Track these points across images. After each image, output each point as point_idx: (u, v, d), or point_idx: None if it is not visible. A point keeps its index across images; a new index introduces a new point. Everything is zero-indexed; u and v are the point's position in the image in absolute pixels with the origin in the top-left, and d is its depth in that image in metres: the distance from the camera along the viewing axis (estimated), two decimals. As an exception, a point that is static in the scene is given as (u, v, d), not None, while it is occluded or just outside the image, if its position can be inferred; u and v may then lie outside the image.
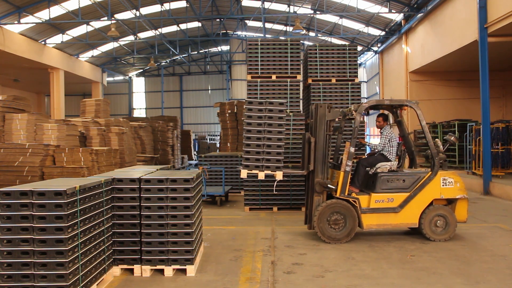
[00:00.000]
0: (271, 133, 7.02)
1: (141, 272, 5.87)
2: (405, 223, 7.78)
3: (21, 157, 11.60)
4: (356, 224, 7.66)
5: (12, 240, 4.48)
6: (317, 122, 7.89)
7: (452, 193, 7.76)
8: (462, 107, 20.93)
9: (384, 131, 8.33)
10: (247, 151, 7.09)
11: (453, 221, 7.72)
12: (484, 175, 13.54)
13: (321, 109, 7.90)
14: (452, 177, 7.80)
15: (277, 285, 5.55)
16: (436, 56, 18.16)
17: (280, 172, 7.19)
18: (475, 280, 5.63)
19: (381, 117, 8.54)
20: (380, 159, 8.15)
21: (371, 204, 7.68)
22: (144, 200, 5.80)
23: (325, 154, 7.89)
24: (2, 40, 20.34)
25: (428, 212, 7.69)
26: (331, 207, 7.62)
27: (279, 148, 7.06)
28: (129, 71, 40.08)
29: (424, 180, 7.73)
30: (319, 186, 7.83)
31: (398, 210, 7.64)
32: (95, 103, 17.88)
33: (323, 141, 7.88)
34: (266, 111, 7.07)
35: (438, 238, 7.66)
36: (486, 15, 13.25)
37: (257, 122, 7.00)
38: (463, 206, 7.90)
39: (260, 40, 12.06)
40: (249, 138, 7.05)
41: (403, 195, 7.70)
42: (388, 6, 21.47)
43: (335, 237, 7.62)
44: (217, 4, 26.95)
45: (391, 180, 7.78)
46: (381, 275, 5.90)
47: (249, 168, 7.19)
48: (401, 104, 8.46)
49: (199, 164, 14.86)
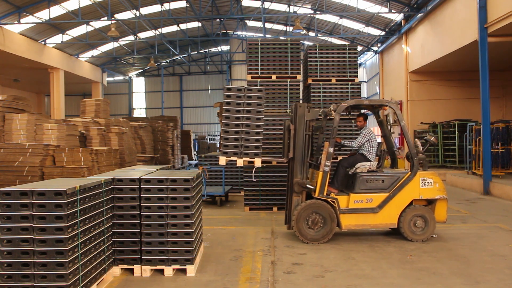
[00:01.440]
0: (249, 119, 6.94)
1: (141, 272, 5.87)
2: (384, 224, 7.76)
3: (21, 157, 11.59)
4: (335, 224, 7.64)
5: (12, 240, 4.48)
6: (296, 122, 7.86)
7: (431, 193, 7.74)
8: (462, 107, 20.93)
9: (363, 131, 8.27)
10: (226, 138, 7.02)
11: (432, 221, 7.70)
12: (484, 175, 13.54)
13: (300, 109, 7.87)
14: (432, 178, 7.78)
15: (277, 285, 5.55)
16: (436, 56, 18.16)
17: (259, 159, 7.13)
18: (475, 280, 5.63)
19: (362, 116, 8.48)
20: (360, 159, 8.11)
21: (350, 205, 7.66)
22: (144, 200, 5.80)
23: (304, 154, 7.86)
24: (2, 40, 20.34)
25: (407, 213, 7.67)
26: (309, 208, 7.61)
27: (258, 135, 6.98)
28: (129, 71, 40.08)
29: (403, 181, 7.70)
30: (298, 186, 7.82)
31: (377, 211, 7.62)
32: (95, 103, 17.87)
33: (302, 141, 7.84)
34: (245, 98, 6.99)
35: (417, 238, 7.64)
36: (486, 15, 13.25)
37: (236, 109, 6.92)
38: (443, 206, 7.89)
39: (260, 40, 12.06)
40: (227, 125, 6.96)
41: (382, 195, 7.67)
42: (388, 6, 21.48)
43: (314, 237, 7.61)
44: (217, 4, 26.95)
45: (370, 180, 7.75)
46: (381, 275, 5.90)
47: (228, 155, 7.14)
48: (381, 104, 8.39)
49: (199, 164, 14.86)
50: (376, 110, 8.67)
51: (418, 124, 21.08)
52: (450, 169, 18.80)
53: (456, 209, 11.15)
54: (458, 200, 12.62)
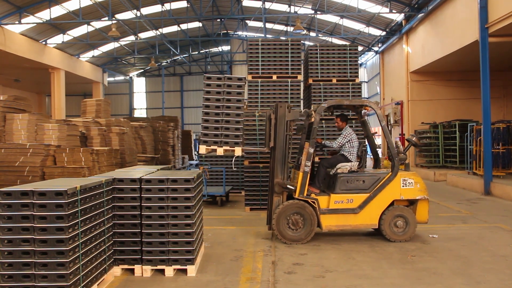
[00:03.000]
0: (229, 108, 6.91)
1: (142, 272, 5.87)
2: (364, 224, 7.73)
3: (22, 157, 11.60)
4: (315, 225, 7.62)
5: (13, 240, 4.49)
6: (277, 122, 7.83)
7: (412, 194, 7.73)
8: (463, 107, 20.92)
9: (344, 132, 8.26)
10: (206, 127, 6.98)
11: (413, 221, 7.68)
12: (485, 175, 13.53)
13: (281, 109, 7.83)
14: (413, 178, 7.76)
15: (277, 285, 5.55)
16: (436, 56, 18.16)
17: (239, 148, 7.11)
18: (475, 281, 5.63)
19: (339, 117, 8.47)
20: (341, 160, 8.11)
21: (331, 205, 7.65)
22: (145, 200, 5.80)
23: (285, 154, 7.84)
24: (3, 40, 20.36)
25: (388, 213, 7.65)
26: (289, 208, 7.60)
27: (238, 124, 6.96)
28: (129, 71, 40.10)
29: (384, 181, 7.68)
30: (278, 186, 7.80)
31: (358, 211, 7.60)
32: (95, 103, 17.88)
33: (283, 141, 7.82)
34: (225, 87, 6.96)
35: (398, 238, 7.63)
36: (487, 15, 13.25)
37: (216, 98, 6.89)
38: (424, 207, 7.86)
39: (261, 40, 12.06)
40: (207, 114, 6.93)
41: (363, 196, 7.65)
42: (388, 6, 21.48)
43: (294, 238, 7.59)
44: (217, 4, 26.96)
45: (351, 180, 7.73)
46: (382, 275, 5.90)
47: (208, 144, 7.11)
48: (361, 104, 8.34)
49: (199, 164, 14.86)
50: (358, 110, 8.64)
51: (419, 124, 21.07)
52: (451, 169, 18.79)
53: (456, 209, 11.15)
54: (459, 200, 12.61)
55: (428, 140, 20.59)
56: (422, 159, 21.20)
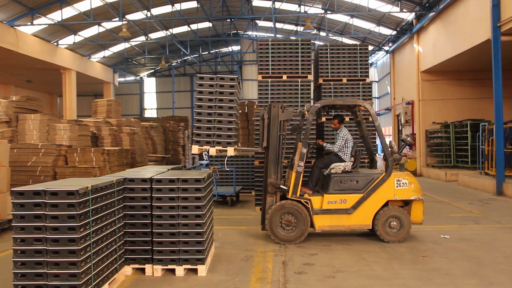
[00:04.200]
0: (222, 108, 6.91)
1: (153, 272, 5.90)
2: (358, 225, 7.69)
3: (34, 157, 11.70)
4: (308, 225, 7.60)
5: (25, 239, 4.53)
6: (270, 122, 7.80)
7: (406, 194, 7.68)
8: (474, 107, 20.73)
9: (340, 133, 8.22)
10: (198, 127, 6.97)
11: (408, 222, 7.63)
12: (497, 176, 13.41)
13: (274, 109, 7.80)
14: (407, 178, 7.71)
15: (288, 285, 5.54)
16: (448, 56, 18.01)
17: (231, 147, 7.11)
18: (488, 282, 5.57)
19: (337, 119, 8.42)
20: (334, 160, 8.07)
21: (324, 205, 7.62)
22: (156, 200, 5.83)
23: (278, 155, 7.81)
24: (15, 41, 20.55)
25: (382, 214, 7.60)
26: (282, 208, 7.59)
27: (230, 124, 6.95)
28: (140, 71, 40.28)
29: (377, 181, 7.64)
30: (272, 186, 7.78)
31: (351, 212, 7.57)
32: (106, 103, 17.98)
33: (276, 141, 7.79)
34: (217, 87, 6.96)
35: (392, 239, 7.58)
36: (499, 14, 13.12)
37: (208, 98, 6.90)
38: (419, 207, 7.83)
39: (271, 40, 12.04)
40: (200, 114, 6.92)
41: (356, 196, 7.62)
42: (399, 6, 21.35)
43: (287, 238, 7.58)
44: (227, 4, 26.98)
45: (344, 181, 7.71)
46: (393, 275, 5.87)
47: (200, 144, 7.11)
48: (355, 104, 8.28)
49: (210, 164, 14.88)
50: (353, 110, 8.58)
51: (430, 124, 20.93)
52: (463, 169, 18.65)
53: (468, 209, 11.06)
54: (471, 200, 12.51)
55: (439, 140, 20.45)
56: (433, 159, 21.06)
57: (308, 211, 7.59)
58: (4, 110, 13.35)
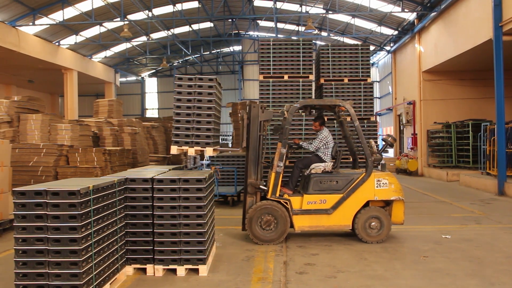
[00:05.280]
0: (200, 109, 6.92)
1: (154, 272, 5.90)
2: (338, 225, 7.67)
3: (35, 157, 11.73)
4: (288, 225, 7.58)
5: (27, 239, 4.53)
6: (250, 122, 7.78)
7: (386, 194, 7.64)
8: (476, 107, 20.71)
9: (320, 135, 8.19)
10: (177, 127, 6.98)
11: (388, 223, 7.60)
12: (499, 176, 13.39)
13: (254, 109, 7.77)
14: (387, 178, 7.67)
15: (289, 285, 5.54)
16: (449, 56, 17.99)
17: (210, 148, 7.12)
18: (489, 282, 5.57)
19: (318, 121, 8.39)
20: (315, 160, 8.07)
21: (303, 206, 7.60)
22: (157, 200, 5.83)
23: (258, 155, 7.79)
24: (17, 41, 20.58)
25: (362, 214, 7.58)
26: (262, 209, 7.57)
27: (209, 124, 6.97)
28: (141, 71, 40.30)
29: (357, 182, 7.61)
30: (251, 187, 7.77)
31: (331, 212, 7.55)
32: (108, 103, 18.01)
33: (256, 142, 7.77)
34: (196, 87, 6.98)
35: (372, 240, 7.56)
36: (501, 13, 13.10)
37: (187, 98, 6.91)
38: (400, 207, 7.78)
39: (272, 40, 12.05)
40: (178, 114, 6.92)
41: (336, 196, 7.59)
42: (401, 5, 21.33)
43: (267, 238, 7.56)
44: (229, 4, 26.99)
45: (324, 181, 7.68)
46: (394, 276, 5.87)
47: (179, 145, 7.11)
48: (335, 104, 8.24)
49: (211, 164, 14.88)
50: (334, 110, 8.55)
51: (431, 124, 20.90)
52: (464, 169, 18.63)
53: (470, 209, 11.05)
54: (472, 200, 12.49)
55: (440, 140, 20.43)
56: (434, 159, 21.04)
57: (288, 212, 7.58)
58: (6, 110, 13.38)
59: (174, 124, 7.04)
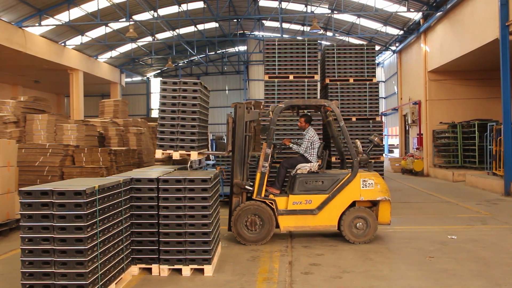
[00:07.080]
0: (185, 112, 6.92)
1: (159, 272, 5.91)
2: (324, 225, 7.63)
3: (41, 157, 11.77)
4: (273, 225, 7.55)
5: (33, 239, 4.55)
6: (235, 122, 7.76)
7: (372, 195, 7.59)
8: (482, 107, 20.61)
9: (307, 135, 8.14)
10: (162, 131, 6.98)
11: (374, 223, 7.56)
12: (505, 176, 13.32)
13: (239, 109, 7.75)
14: (373, 179, 7.62)
15: (294, 285, 5.54)
16: (455, 55, 17.91)
17: (195, 152, 7.12)
18: (496, 283, 5.54)
19: (303, 118, 8.34)
20: (300, 160, 8.03)
21: (289, 206, 7.58)
22: (162, 200, 5.84)
23: (244, 155, 7.76)
24: (23, 42, 20.68)
25: (348, 214, 7.54)
26: (247, 209, 7.55)
27: (194, 128, 6.97)
28: (147, 71, 40.41)
29: (343, 182, 7.57)
30: (237, 187, 7.74)
31: (316, 212, 7.52)
32: (113, 103, 18.05)
33: (242, 142, 7.75)
34: (181, 91, 6.98)
35: (358, 240, 7.52)
36: (507, 13, 13.04)
37: (172, 102, 6.92)
38: (386, 208, 7.73)
39: (278, 40, 12.06)
40: (163, 118, 6.90)
41: (322, 196, 7.56)
42: (406, 5, 21.27)
43: (252, 239, 7.54)
44: (234, 4, 27.01)
45: (310, 181, 7.65)
46: (399, 276, 5.85)
47: (164, 148, 7.11)
48: (320, 105, 8.20)
49: (216, 164, 14.88)
50: (321, 110, 8.52)
51: (437, 124, 20.82)
52: (470, 169, 18.55)
53: (476, 210, 11.00)
54: (478, 201, 12.44)
55: (446, 140, 20.35)
56: (440, 159, 20.96)
57: (273, 212, 7.57)
58: (12, 111, 13.45)
59: (158, 128, 7.02)
